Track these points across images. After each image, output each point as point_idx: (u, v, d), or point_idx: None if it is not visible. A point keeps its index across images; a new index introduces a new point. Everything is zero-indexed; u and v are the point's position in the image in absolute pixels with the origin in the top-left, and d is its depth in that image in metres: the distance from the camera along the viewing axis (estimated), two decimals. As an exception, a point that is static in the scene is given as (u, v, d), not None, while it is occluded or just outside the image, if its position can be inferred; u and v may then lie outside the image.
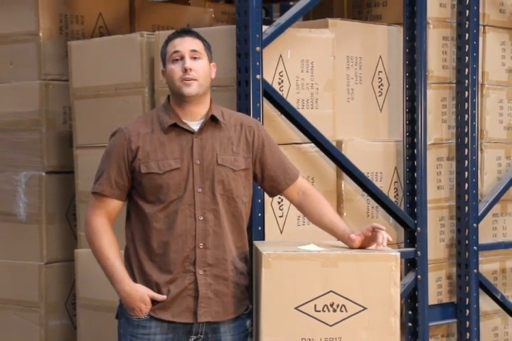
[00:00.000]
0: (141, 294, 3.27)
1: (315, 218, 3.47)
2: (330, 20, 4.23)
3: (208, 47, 3.36)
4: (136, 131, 3.32)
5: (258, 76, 3.81)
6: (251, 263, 3.42)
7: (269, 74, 3.92)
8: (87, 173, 4.29)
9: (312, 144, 4.07)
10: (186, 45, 3.30)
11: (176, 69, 3.29)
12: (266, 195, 3.75)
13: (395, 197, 4.45)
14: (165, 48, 3.36)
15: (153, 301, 3.27)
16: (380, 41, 4.43)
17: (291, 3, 6.71)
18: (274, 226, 3.97)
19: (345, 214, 4.19)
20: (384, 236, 3.26)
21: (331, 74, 4.19)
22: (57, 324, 4.77)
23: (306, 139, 4.05)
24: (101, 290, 4.14)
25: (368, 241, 3.31)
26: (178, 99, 3.32)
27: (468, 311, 4.60)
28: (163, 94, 3.96)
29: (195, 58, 3.29)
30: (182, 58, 3.28)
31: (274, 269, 3.18)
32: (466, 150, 4.58)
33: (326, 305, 3.19)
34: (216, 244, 3.28)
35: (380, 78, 4.42)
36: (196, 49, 3.30)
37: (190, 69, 3.26)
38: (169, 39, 3.36)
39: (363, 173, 4.19)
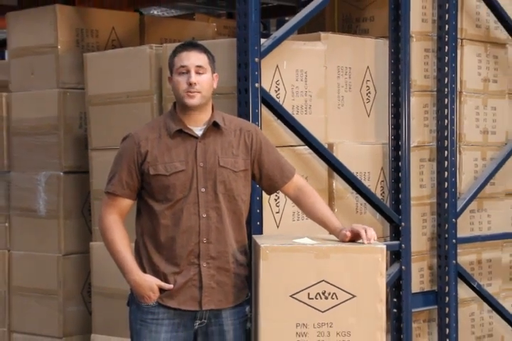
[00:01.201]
0: (149, 283, 3.27)
1: (309, 212, 3.47)
2: (322, 34, 4.22)
3: (211, 59, 3.35)
4: (145, 136, 3.32)
5: (257, 84, 3.80)
6: (250, 255, 3.41)
7: (267, 82, 3.92)
8: (100, 173, 4.28)
9: (306, 146, 4.07)
10: (192, 60, 3.28)
11: (181, 81, 3.28)
12: (264, 193, 3.74)
13: (381, 194, 4.44)
14: (172, 59, 3.35)
15: (161, 290, 3.28)
16: (367, 53, 4.42)
17: (286, 18, 6.70)
18: (271, 221, 3.97)
19: (336, 210, 4.17)
20: (372, 234, 3.26)
21: (323, 82, 4.18)
22: (74, 310, 4.78)
23: (300, 142, 4.04)
24: (113, 279, 4.13)
25: (357, 236, 3.30)
26: (183, 107, 3.32)
27: (447, 298, 4.60)
28: (170, 101, 3.95)
29: (199, 73, 3.28)
30: (188, 72, 3.27)
31: (271, 261, 3.17)
32: (446, 152, 4.58)
33: (318, 293, 3.18)
34: (218, 238, 3.28)
35: (367, 86, 4.41)
36: (201, 64, 3.29)
37: (195, 83, 3.25)
38: (177, 51, 3.34)
39: (352, 173, 4.19)
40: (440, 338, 4.63)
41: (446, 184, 4.58)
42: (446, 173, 4.59)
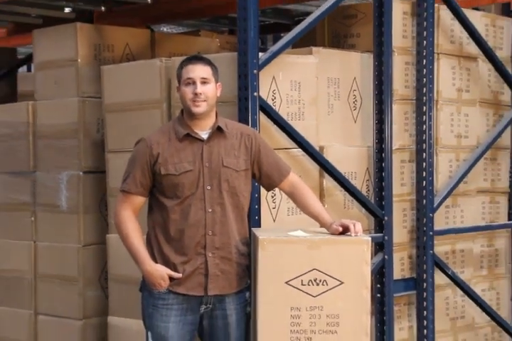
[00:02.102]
0: (160, 273, 3.26)
1: (303, 207, 3.47)
2: (314, 48, 4.21)
3: (215, 70, 3.35)
4: (156, 140, 3.31)
5: (255, 93, 3.79)
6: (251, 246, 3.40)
7: (264, 92, 3.90)
8: (116, 173, 4.27)
9: (299, 149, 4.05)
10: (198, 72, 3.28)
11: (188, 91, 3.28)
12: (262, 190, 3.75)
13: (366, 192, 4.42)
14: (180, 71, 3.34)
15: (171, 278, 3.27)
16: (354, 65, 4.40)
17: (282, 34, 6.68)
18: (268, 216, 3.95)
19: (326, 206, 4.15)
20: (359, 227, 3.25)
21: (315, 92, 4.16)
22: (93, 295, 4.76)
23: (294, 145, 4.03)
24: (127, 267, 4.10)
25: (346, 229, 3.29)
26: (190, 114, 3.31)
27: (425, 284, 4.58)
28: (178, 108, 3.92)
29: (204, 83, 3.27)
30: (194, 83, 3.27)
31: (268, 251, 3.17)
32: (424, 154, 4.56)
33: (310, 280, 3.18)
34: (222, 231, 3.28)
35: (354, 95, 4.40)
36: (205, 76, 3.29)
37: (200, 93, 3.25)
38: (183, 64, 3.35)
39: (341, 173, 4.17)
40: (419, 320, 4.62)
41: (424, 182, 4.57)
42: (424, 173, 4.57)
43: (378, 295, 4.41)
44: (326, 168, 4.12)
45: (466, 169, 4.82)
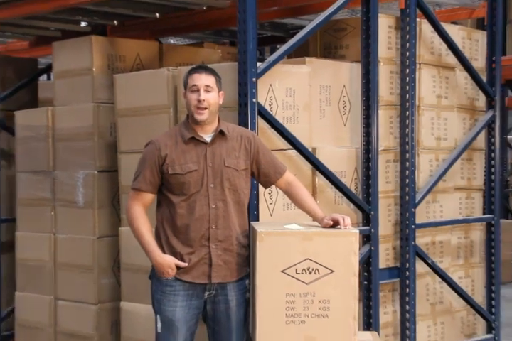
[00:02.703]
0: (168, 262, 3.27)
1: (297, 203, 3.48)
2: (307, 59, 4.21)
3: (218, 79, 3.35)
4: (164, 143, 3.32)
5: (254, 100, 3.78)
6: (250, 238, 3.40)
7: (262, 98, 3.90)
8: (127, 172, 4.26)
9: (294, 150, 4.05)
10: (202, 80, 3.29)
11: (193, 98, 3.29)
12: (260, 188, 3.74)
13: (355, 189, 4.42)
14: (186, 79, 3.35)
15: (178, 267, 3.28)
16: (344, 74, 4.40)
17: (278, 46, 6.68)
18: (265, 210, 3.94)
19: (318, 202, 4.15)
20: (348, 221, 3.25)
21: (308, 98, 4.16)
22: (107, 282, 4.75)
23: (289, 146, 4.02)
24: (138, 257, 4.10)
25: (336, 223, 3.29)
26: (194, 120, 3.31)
27: (407, 273, 4.58)
28: (184, 113, 3.92)
29: (207, 91, 3.28)
30: (198, 90, 3.28)
31: (266, 243, 3.17)
32: (407, 154, 4.56)
33: (304, 268, 3.18)
34: (224, 225, 3.28)
35: (344, 101, 4.40)
36: (209, 84, 3.29)
37: (204, 100, 3.26)
38: (190, 72, 3.36)
39: (332, 172, 4.17)
40: (401, 304, 4.62)
41: (407, 180, 4.57)
42: (407, 172, 4.57)
43: (365, 282, 4.42)
44: (318, 167, 4.12)
45: (444, 168, 4.82)
